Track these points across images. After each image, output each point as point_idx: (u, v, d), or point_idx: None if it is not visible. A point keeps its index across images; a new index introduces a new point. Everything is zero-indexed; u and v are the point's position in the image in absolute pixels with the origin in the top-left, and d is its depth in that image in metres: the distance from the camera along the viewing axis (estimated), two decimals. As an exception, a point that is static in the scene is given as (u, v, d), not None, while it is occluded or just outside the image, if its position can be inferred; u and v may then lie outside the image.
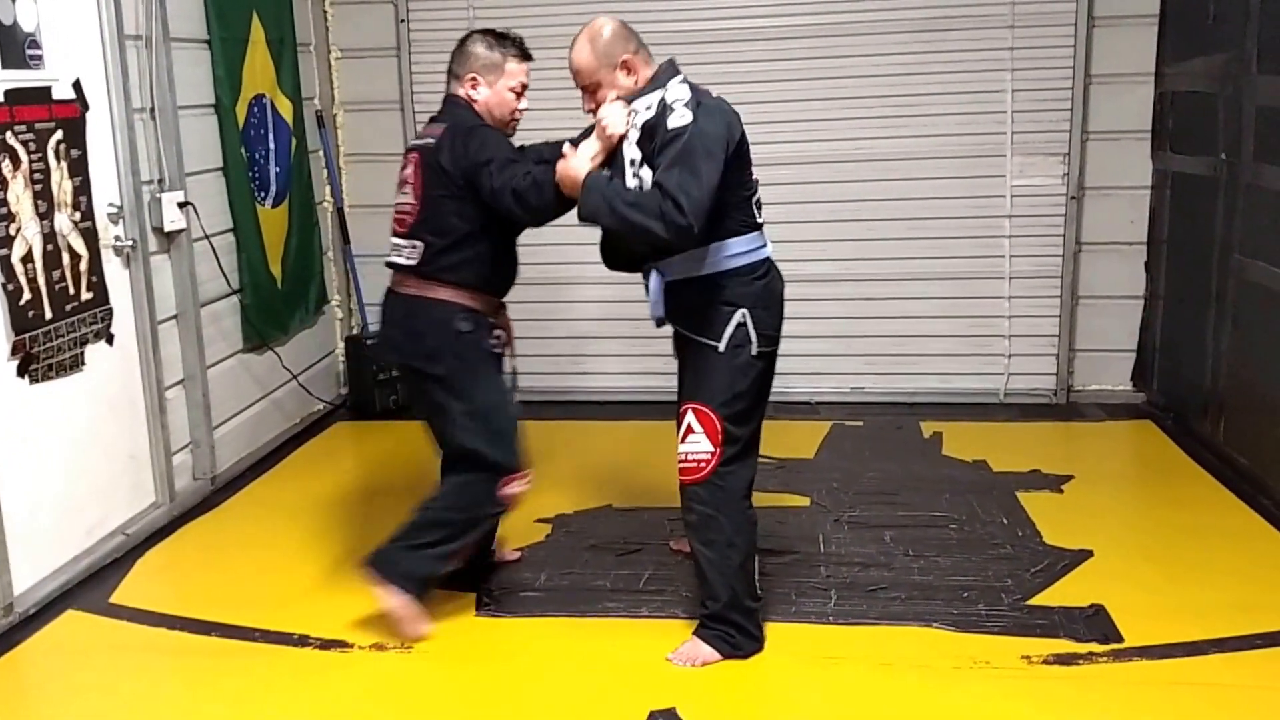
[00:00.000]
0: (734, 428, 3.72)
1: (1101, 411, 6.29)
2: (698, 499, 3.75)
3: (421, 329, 3.97)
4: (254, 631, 4.05)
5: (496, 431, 3.97)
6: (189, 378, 5.23)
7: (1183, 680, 3.59)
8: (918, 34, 6.17)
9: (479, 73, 3.99)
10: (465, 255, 3.93)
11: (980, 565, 4.40)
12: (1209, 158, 5.54)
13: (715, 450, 3.70)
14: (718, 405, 3.70)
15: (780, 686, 3.66)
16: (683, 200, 3.41)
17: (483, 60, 3.99)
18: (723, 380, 3.71)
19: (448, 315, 3.94)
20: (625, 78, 3.70)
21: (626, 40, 3.71)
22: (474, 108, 4.00)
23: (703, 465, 3.71)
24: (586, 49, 3.71)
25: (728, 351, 3.69)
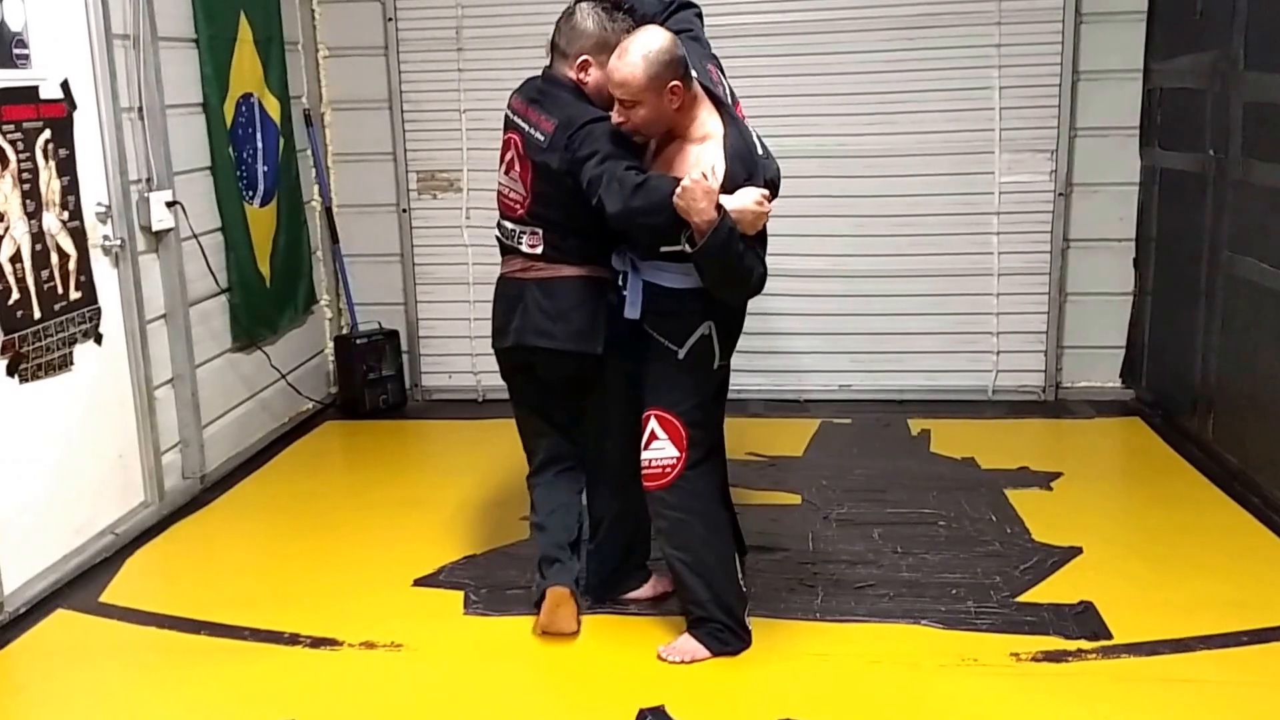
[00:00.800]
0: (697, 432, 3.71)
1: (1090, 408, 6.29)
2: (666, 504, 3.74)
3: (568, 309, 3.78)
4: (244, 630, 4.04)
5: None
6: (178, 377, 5.21)
7: (1171, 677, 3.60)
8: (905, 30, 6.16)
9: (590, 53, 3.67)
10: (585, 237, 3.73)
11: (969, 562, 4.40)
12: (1197, 154, 5.55)
13: (680, 455, 3.69)
14: (680, 411, 3.69)
15: (769, 684, 3.64)
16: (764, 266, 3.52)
17: (595, 40, 3.66)
18: (685, 386, 3.70)
19: (593, 290, 3.78)
20: (669, 102, 3.49)
21: (678, 64, 3.47)
22: (582, 90, 3.71)
23: (668, 470, 3.70)
24: (640, 67, 3.43)
25: (689, 359, 3.67)
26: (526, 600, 4.14)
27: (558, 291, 3.79)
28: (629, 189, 3.43)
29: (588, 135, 3.59)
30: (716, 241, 3.32)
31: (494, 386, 6.50)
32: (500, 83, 6.14)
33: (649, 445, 3.71)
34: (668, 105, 3.49)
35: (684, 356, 3.66)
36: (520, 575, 4.36)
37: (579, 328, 3.78)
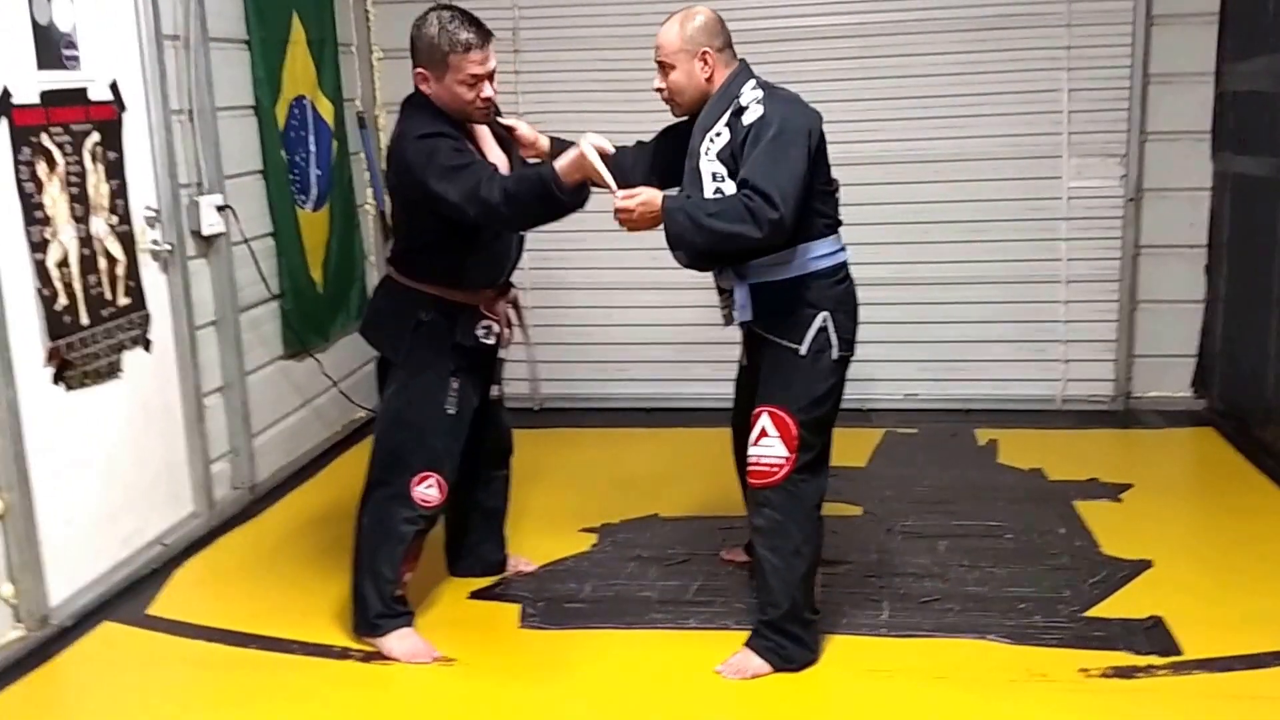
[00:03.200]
0: (809, 434, 3.68)
1: (1161, 418, 6.20)
2: (769, 504, 3.69)
3: (388, 310, 3.96)
4: (294, 644, 4.00)
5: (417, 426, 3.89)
6: (228, 385, 5.18)
7: (1243, 694, 3.53)
8: (973, 33, 6.08)
9: (424, 67, 3.67)
10: (423, 252, 3.84)
11: (1037, 576, 4.34)
12: (1270, 159, 5.45)
13: (790, 455, 3.64)
14: (795, 410, 3.65)
15: (832, 700, 3.61)
16: (773, 192, 3.38)
17: (426, 53, 3.65)
18: (802, 384, 3.66)
19: (409, 305, 3.86)
20: (700, 69, 3.67)
21: (715, 35, 3.69)
22: (432, 103, 3.70)
23: (775, 470, 3.65)
24: (675, 29, 3.68)
25: (809, 355, 3.65)
26: (585, 615, 4.12)
27: (384, 292, 4.02)
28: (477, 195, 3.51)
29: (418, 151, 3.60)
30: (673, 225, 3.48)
31: (553, 395, 6.53)
32: (559, 85, 6.24)
33: (758, 442, 3.67)
34: (700, 72, 3.66)
35: (806, 353, 3.64)
36: (579, 588, 4.33)
37: (384, 333, 3.96)
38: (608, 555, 4.64)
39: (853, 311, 3.77)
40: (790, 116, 3.52)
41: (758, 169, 3.42)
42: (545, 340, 6.54)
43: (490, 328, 3.94)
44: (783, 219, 3.38)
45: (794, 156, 3.45)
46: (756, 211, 3.37)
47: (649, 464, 5.75)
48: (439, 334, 3.85)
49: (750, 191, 3.39)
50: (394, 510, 3.89)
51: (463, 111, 3.70)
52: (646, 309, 6.43)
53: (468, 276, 3.86)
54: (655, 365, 6.52)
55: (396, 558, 3.90)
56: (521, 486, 5.19)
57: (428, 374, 3.87)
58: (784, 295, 3.65)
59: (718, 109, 3.62)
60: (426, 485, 3.88)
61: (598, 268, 6.32)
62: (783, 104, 3.56)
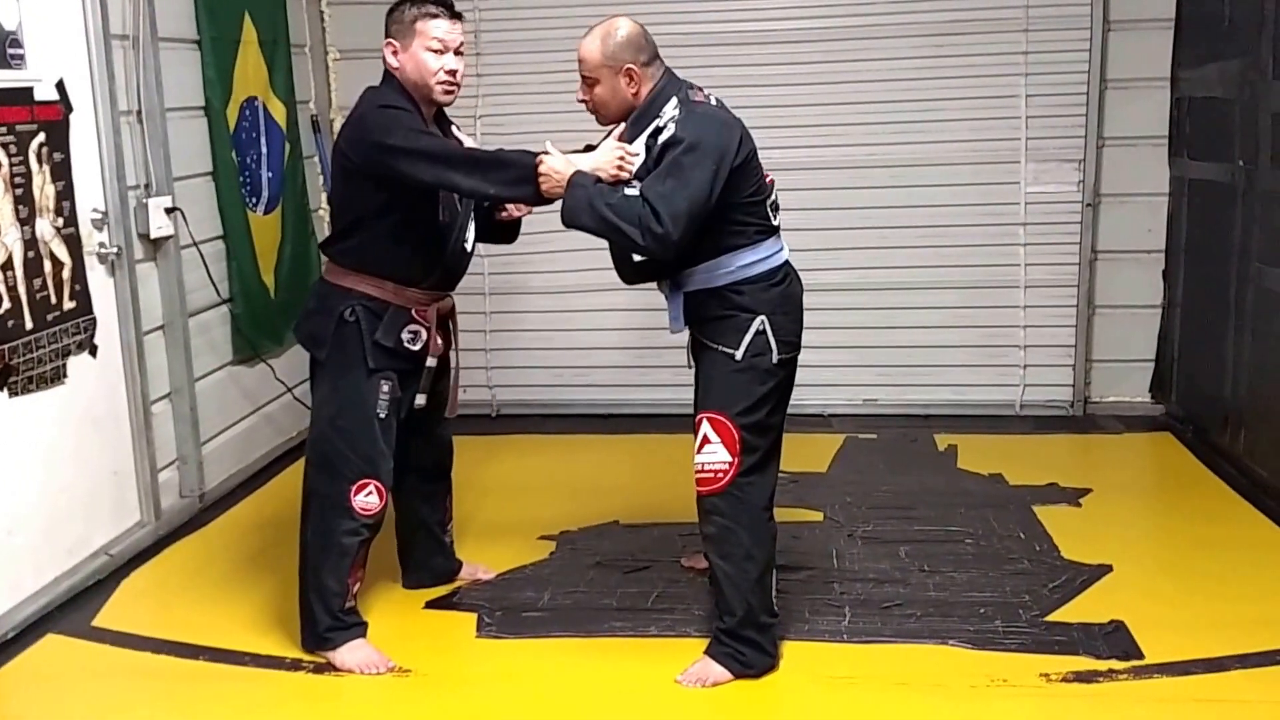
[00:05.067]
0: (752, 437, 3.67)
1: (1119, 423, 6.22)
2: (716, 510, 3.68)
3: (314, 309, 3.91)
4: (244, 655, 3.94)
5: (348, 431, 3.83)
6: (176, 391, 5.09)
7: (1205, 697, 3.54)
8: (931, 38, 6.09)
9: (394, 37, 3.75)
10: (362, 239, 3.79)
11: (997, 581, 4.34)
12: (1226, 164, 5.49)
13: (733, 460, 3.63)
14: (735, 414, 3.64)
15: (793, 707, 3.61)
16: (661, 208, 3.41)
17: (396, 23, 3.75)
18: (740, 388, 3.66)
19: (335, 300, 3.82)
20: (625, 85, 3.64)
21: (639, 50, 3.64)
22: (396, 78, 3.76)
23: (720, 476, 3.65)
24: (596, 44, 3.64)
25: (746, 359, 3.64)
26: (543, 623, 4.08)
27: (315, 288, 3.98)
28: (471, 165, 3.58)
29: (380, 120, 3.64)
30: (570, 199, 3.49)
31: (509, 401, 6.49)
32: (521, 87, 6.22)
33: (701, 449, 3.67)
34: (625, 88, 3.64)
35: (742, 357, 3.64)
36: (537, 596, 4.29)
37: (311, 330, 3.90)
38: (566, 563, 4.60)
39: (794, 312, 3.77)
40: (704, 136, 3.51)
41: (655, 185, 3.45)
42: (502, 346, 6.52)
43: (417, 333, 3.88)
44: (667, 235, 3.40)
45: (696, 179, 3.45)
46: (644, 219, 3.40)
47: (608, 470, 5.72)
48: (362, 333, 3.79)
49: (644, 201, 3.43)
50: (335, 522, 3.83)
51: (424, 84, 3.73)
52: (605, 313, 6.39)
53: (398, 268, 3.81)
54: (614, 370, 6.49)
55: (342, 570, 3.84)
56: (478, 494, 5.18)
57: (354, 376, 3.81)
58: (718, 302, 3.66)
59: (638, 128, 3.64)
60: (365, 494, 3.83)
61: (556, 272, 6.28)
62: (698, 123, 3.54)
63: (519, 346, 6.50)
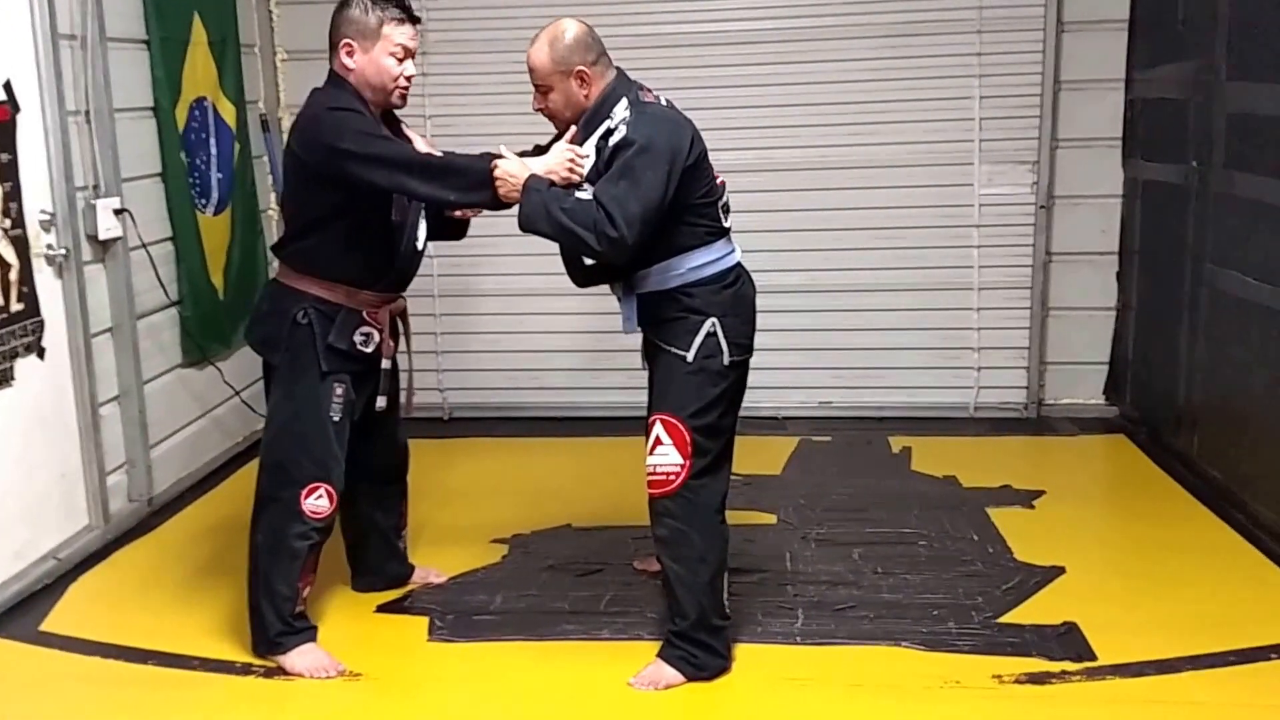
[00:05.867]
0: (704, 439, 3.66)
1: (1073, 425, 6.24)
2: (668, 513, 3.67)
3: (267, 311, 3.89)
4: (194, 660, 3.90)
5: (300, 435, 3.82)
6: (124, 394, 5.04)
7: (1157, 699, 3.56)
8: (885, 40, 6.09)
9: (353, 39, 3.69)
10: (314, 242, 3.76)
11: (950, 583, 4.35)
12: (1180, 165, 5.51)
13: (685, 463, 3.63)
14: (687, 416, 3.63)
15: (746, 709, 3.60)
16: (615, 211, 3.40)
17: (356, 24, 3.69)
18: (692, 390, 3.65)
19: (288, 303, 3.79)
20: (577, 88, 3.63)
21: (587, 50, 3.62)
22: (349, 80, 3.71)
23: (672, 478, 3.64)
24: (545, 51, 3.62)
25: (697, 361, 3.64)
26: (495, 627, 4.07)
27: (268, 292, 3.96)
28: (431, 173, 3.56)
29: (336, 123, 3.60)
30: (526, 203, 3.46)
31: (461, 404, 6.46)
32: (468, 88, 6.19)
33: (653, 451, 3.67)
34: (578, 91, 3.62)
35: (694, 359, 3.63)
36: (489, 600, 4.27)
37: (266, 333, 3.88)
38: (519, 566, 4.58)
39: (746, 314, 3.77)
40: (655, 138, 3.50)
41: (608, 188, 3.44)
42: (454, 349, 6.48)
43: (370, 335, 3.86)
44: (621, 239, 3.40)
45: (649, 181, 3.44)
46: (599, 224, 3.40)
47: (560, 474, 5.70)
48: (315, 335, 3.77)
49: (598, 205, 3.42)
50: (285, 526, 3.80)
51: (383, 89, 3.72)
52: (557, 316, 6.36)
53: (351, 270, 3.79)
54: (567, 374, 6.47)
55: (293, 574, 3.81)
56: (431, 497, 5.15)
57: (308, 379, 3.79)
58: (670, 304, 3.66)
59: (589, 129, 3.64)
60: (316, 497, 3.80)
61: (507, 274, 6.25)
62: (649, 124, 3.53)
63: (470, 349, 6.47)
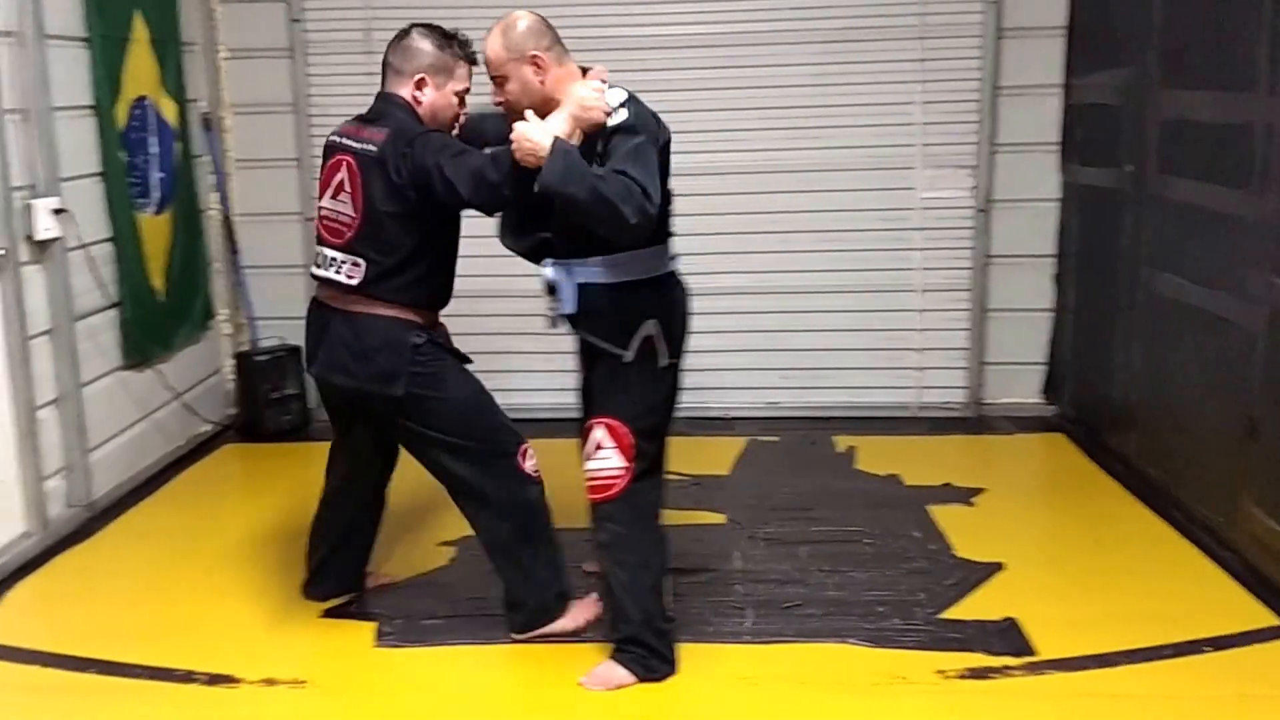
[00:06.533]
0: (645, 443, 3.67)
1: (1012, 425, 6.30)
2: (610, 518, 3.67)
3: (372, 349, 3.77)
4: (135, 668, 3.86)
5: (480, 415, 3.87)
6: (62, 397, 4.97)
7: (1096, 692, 3.61)
8: (828, 45, 6.13)
9: (427, 73, 3.79)
10: (411, 276, 3.76)
11: (894, 580, 4.40)
12: (1116, 170, 5.57)
13: (627, 466, 3.63)
14: (630, 419, 3.64)
15: (696, 708, 3.62)
16: (648, 186, 3.34)
17: (431, 60, 3.79)
18: (634, 393, 3.66)
19: (399, 333, 3.77)
20: (533, 74, 3.61)
21: (540, 36, 3.63)
22: (415, 110, 3.80)
23: (614, 482, 3.64)
24: (498, 40, 3.62)
25: (637, 363, 3.64)
26: (444, 631, 4.04)
27: (362, 329, 3.80)
28: (481, 169, 3.54)
29: (426, 145, 3.65)
30: (556, 162, 3.34)
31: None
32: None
33: (594, 455, 3.65)
34: (533, 77, 3.60)
35: (631, 359, 3.62)
36: (438, 604, 4.25)
37: (380, 370, 3.77)
38: (467, 570, 4.54)
39: (683, 319, 3.77)
40: (647, 126, 3.52)
41: (636, 167, 3.36)
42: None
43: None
44: (651, 217, 3.36)
45: (654, 165, 3.44)
46: (635, 196, 3.30)
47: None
48: (435, 349, 3.83)
49: (631, 179, 3.34)
50: (523, 497, 3.90)
51: (444, 124, 3.82)
52: (505, 318, 6.33)
53: (436, 294, 3.89)
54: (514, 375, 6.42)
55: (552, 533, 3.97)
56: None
57: (453, 375, 3.87)
58: (613, 300, 3.63)
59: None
60: (529, 457, 3.92)
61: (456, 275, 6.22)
62: (644, 115, 3.54)
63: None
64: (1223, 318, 4.62)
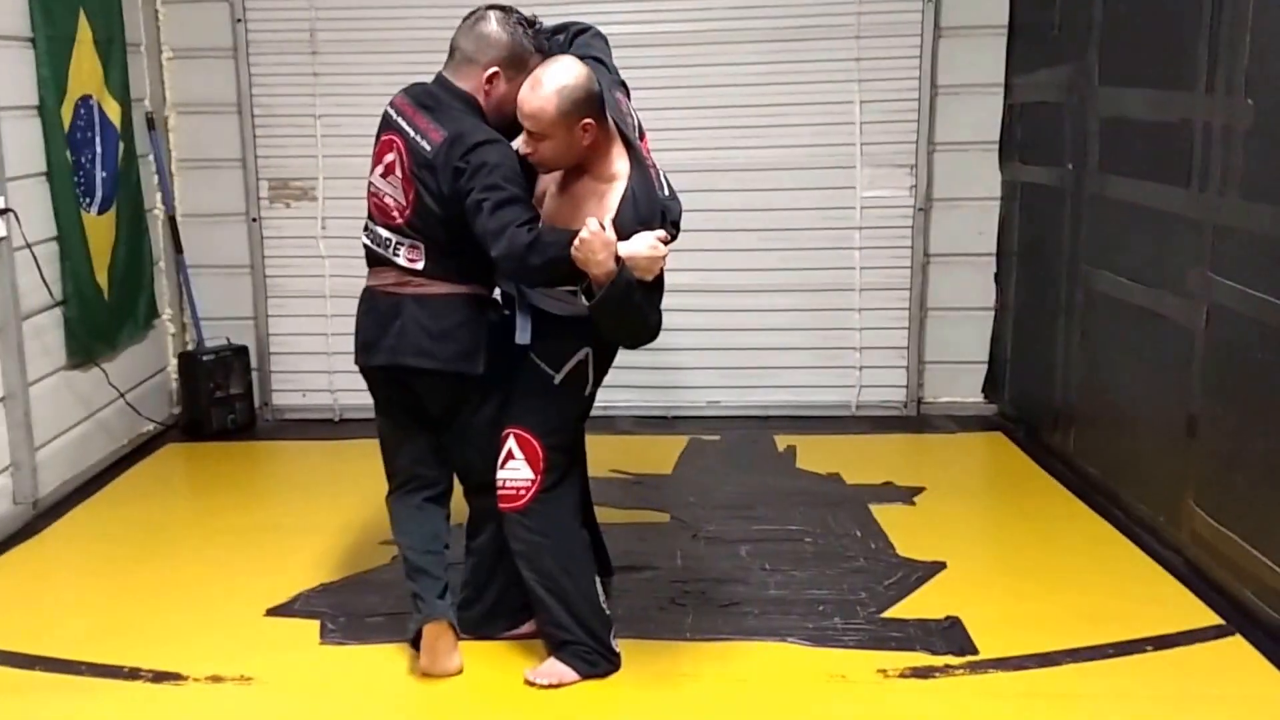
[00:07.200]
0: (557, 456, 3.68)
1: (953, 423, 6.32)
2: (522, 527, 3.68)
3: (453, 327, 3.62)
4: (80, 665, 3.85)
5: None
6: (9, 395, 4.94)
7: (1038, 692, 3.61)
8: (768, 44, 6.14)
9: (501, 66, 3.55)
10: (472, 254, 3.53)
11: (835, 579, 4.39)
12: (1056, 168, 5.60)
13: (535, 478, 3.64)
14: (543, 433, 3.65)
15: (638, 706, 3.61)
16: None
17: (508, 52, 3.56)
18: (551, 410, 3.68)
19: (477, 309, 3.67)
20: (580, 137, 3.43)
21: (594, 98, 3.43)
22: (480, 104, 3.58)
23: (522, 493, 3.65)
24: (552, 97, 3.37)
25: (563, 384, 3.65)
26: (387, 629, 4.02)
27: (440, 309, 3.63)
28: (522, 247, 3.35)
29: (480, 166, 3.43)
30: (615, 293, 3.31)
31: (352, 405, 6.34)
32: (359, 88, 6.08)
33: (504, 464, 3.66)
34: (578, 140, 3.43)
35: (559, 382, 3.64)
36: (381, 601, 4.24)
37: (462, 348, 3.64)
38: (408, 567, 4.56)
39: (612, 351, 3.75)
40: None
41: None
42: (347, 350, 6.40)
43: None
44: None
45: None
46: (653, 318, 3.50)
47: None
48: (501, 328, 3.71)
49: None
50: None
51: (509, 120, 3.55)
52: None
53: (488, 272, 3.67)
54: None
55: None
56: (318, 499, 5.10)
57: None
58: (557, 326, 3.63)
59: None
60: None
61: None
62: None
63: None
64: (1162, 315, 4.64)
